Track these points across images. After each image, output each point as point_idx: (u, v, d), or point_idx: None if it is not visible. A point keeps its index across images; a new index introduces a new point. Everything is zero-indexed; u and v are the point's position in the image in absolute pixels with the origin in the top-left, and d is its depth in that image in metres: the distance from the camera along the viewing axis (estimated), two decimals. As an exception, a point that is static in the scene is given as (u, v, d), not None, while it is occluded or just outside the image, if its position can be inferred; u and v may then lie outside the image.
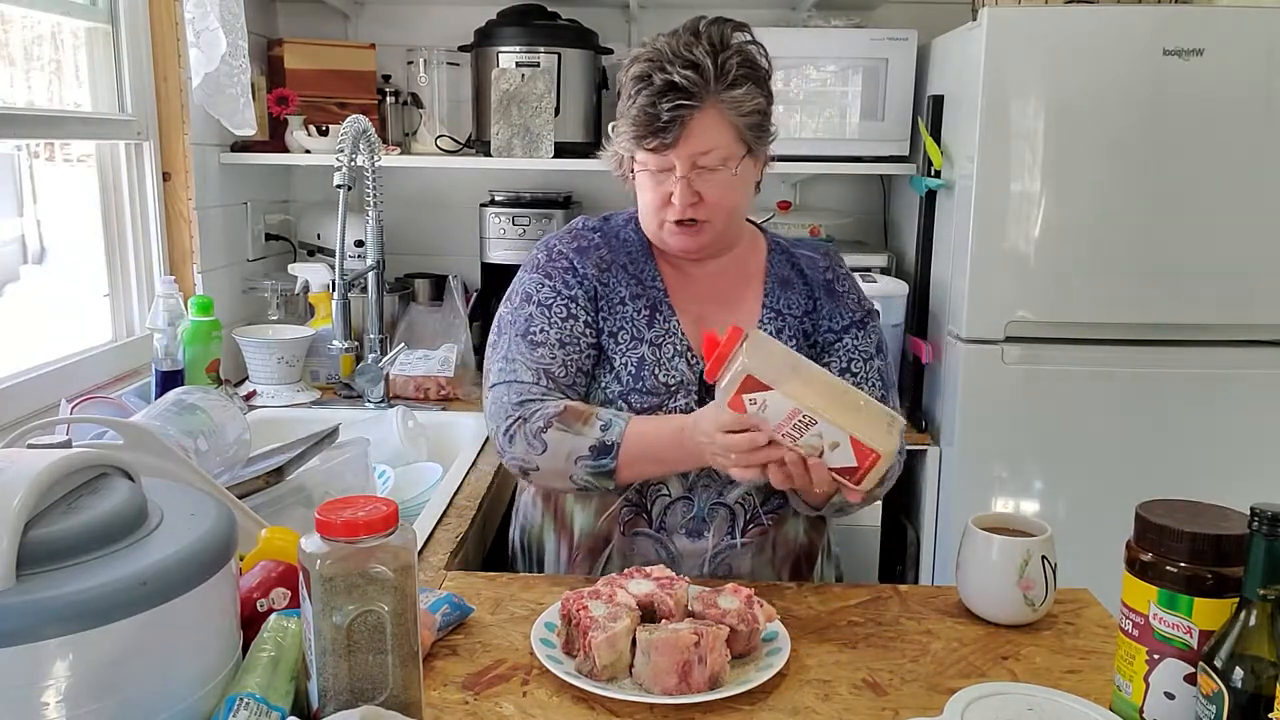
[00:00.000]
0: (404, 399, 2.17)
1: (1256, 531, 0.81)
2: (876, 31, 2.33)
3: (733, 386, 1.08)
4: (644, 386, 1.31)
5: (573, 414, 1.25)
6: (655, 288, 1.36)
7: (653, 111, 1.21)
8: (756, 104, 1.26)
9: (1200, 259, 2.03)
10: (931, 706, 0.98)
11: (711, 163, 1.24)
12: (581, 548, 1.37)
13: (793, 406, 1.07)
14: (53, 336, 1.93)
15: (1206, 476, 2.06)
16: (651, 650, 0.97)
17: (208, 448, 1.49)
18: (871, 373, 1.36)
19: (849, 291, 1.40)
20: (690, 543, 1.33)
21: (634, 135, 1.25)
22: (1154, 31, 1.94)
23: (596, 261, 1.35)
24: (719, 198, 1.26)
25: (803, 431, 1.07)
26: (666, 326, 1.34)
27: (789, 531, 1.37)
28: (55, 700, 0.73)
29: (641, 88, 1.23)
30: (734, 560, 1.34)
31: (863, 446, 1.07)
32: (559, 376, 1.30)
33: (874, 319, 1.41)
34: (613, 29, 2.58)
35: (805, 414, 1.07)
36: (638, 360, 1.32)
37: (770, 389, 1.07)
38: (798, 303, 1.38)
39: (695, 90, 1.21)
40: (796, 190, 2.70)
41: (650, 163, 1.26)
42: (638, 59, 1.25)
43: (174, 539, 0.82)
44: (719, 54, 1.23)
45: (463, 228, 2.70)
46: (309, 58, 2.44)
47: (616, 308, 1.34)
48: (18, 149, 2.27)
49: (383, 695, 0.85)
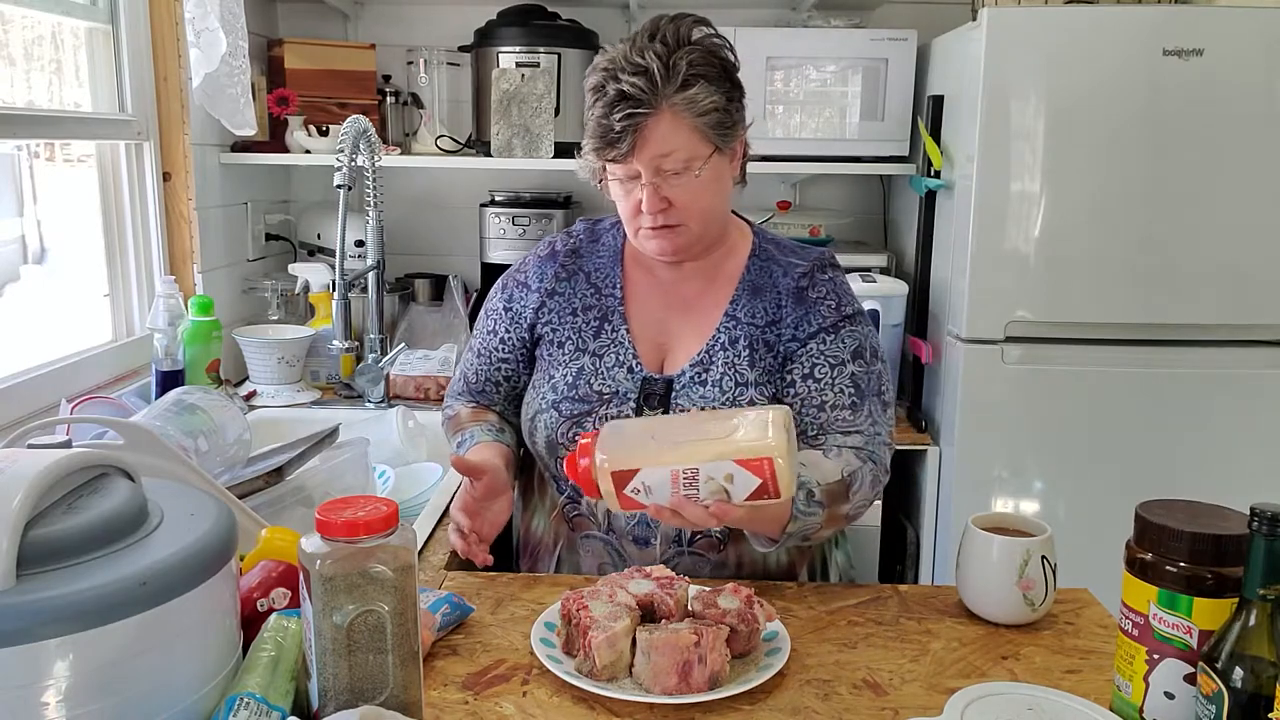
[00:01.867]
0: (404, 399, 2.17)
1: (1256, 531, 0.81)
2: (876, 32, 2.33)
3: (610, 492, 1.05)
4: (576, 394, 1.31)
5: (454, 423, 1.42)
6: (611, 296, 1.36)
7: (606, 123, 1.20)
8: (712, 101, 1.21)
9: (1200, 259, 2.03)
10: (931, 706, 0.98)
11: (674, 166, 1.22)
12: (538, 545, 1.39)
13: (669, 472, 1.03)
14: (53, 336, 1.93)
15: (1206, 476, 2.06)
16: (651, 650, 0.97)
17: (208, 448, 1.50)
18: (840, 378, 1.28)
19: (824, 297, 1.32)
20: (638, 549, 1.31)
21: (594, 148, 1.24)
22: (1154, 31, 1.94)
23: (557, 271, 1.38)
24: (688, 200, 1.24)
25: (695, 485, 1.03)
26: (614, 336, 1.33)
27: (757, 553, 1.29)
28: (55, 700, 0.73)
29: (596, 99, 1.22)
30: (691, 571, 1.29)
31: (750, 461, 1.02)
32: (472, 382, 1.45)
33: (852, 324, 1.31)
34: (613, 29, 2.58)
35: (683, 469, 1.03)
36: (577, 370, 1.33)
37: (638, 469, 1.04)
38: (763, 312, 1.32)
39: (644, 97, 1.18)
40: (796, 190, 2.70)
41: (617, 171, 1.25)
42: (595, 68, 1.24)
43: (174, 539, 0.82)
44: (671, 54, 1.20)
45: (463, 228, 2.70)
46: (309, 58, 2.44)
47: (567, 318, 1.36)
48: (18, 149, 2.27)
49: (383, 695, 0.85)
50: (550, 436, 1.32)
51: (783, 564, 1.34)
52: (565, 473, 1.12)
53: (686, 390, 1.30)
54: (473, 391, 1.45)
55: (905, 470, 2.31)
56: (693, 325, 1.34)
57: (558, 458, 1.31)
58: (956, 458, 2.12)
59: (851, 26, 2.40)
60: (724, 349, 1.31)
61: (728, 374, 1.30)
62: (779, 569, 1.34)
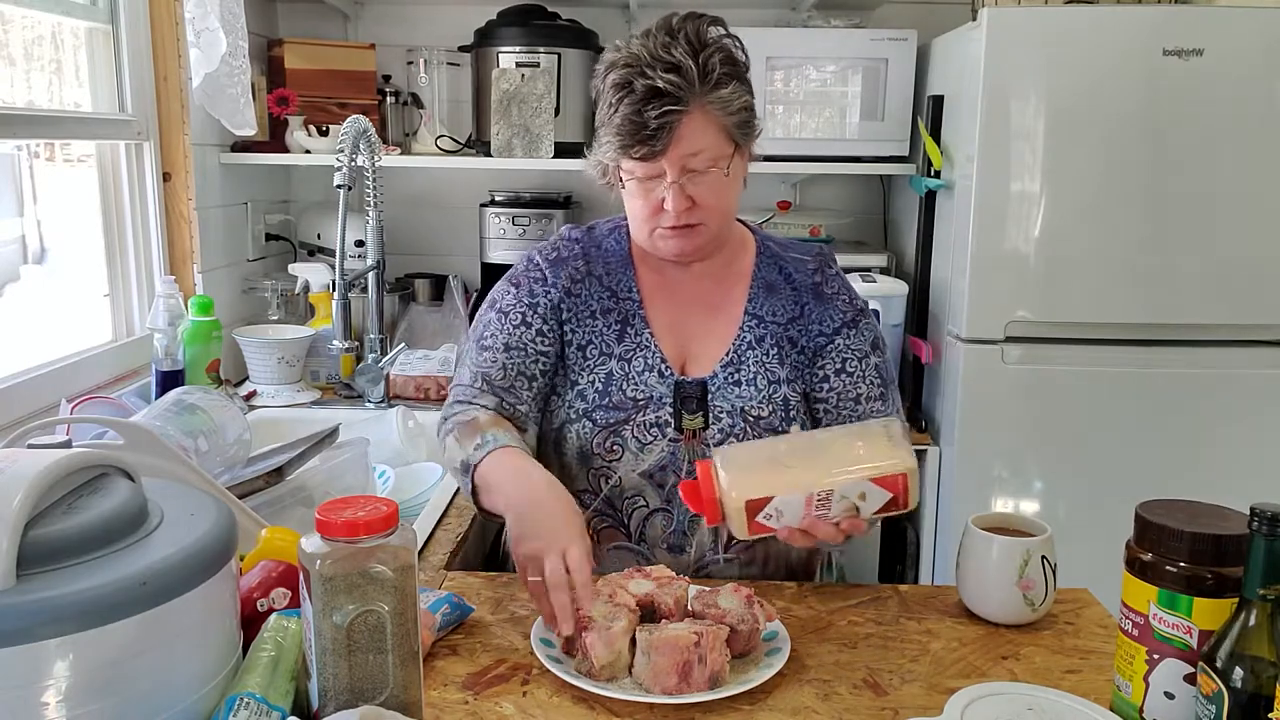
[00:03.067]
0: (404, 399, 2.17)
1: (1256, 531, 0.81)
2: (876, 31, 2.33)
3: (741, 520, 1.06)
4: (610, 402, 1.29)
5: (472, 427, 1.25)
6: (630, 299, 1.34)
7: (639, 120, 1.17)
8: (744, 101, 1.23)
9: (1200, 259, 2.03)
10: (931, 706, 0.98)
11: (701, 165, 1.21)
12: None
13: (803, 496, 1.05)
14: (53, 336, 1.93)
15: (1206, 476, 2.06)
16: (651, 650, 0.97)
17: (208, 448, 1.50)
18: (868, 370, 1.33)
19: (838, 293, 1.35)
20: (672, 557, 1.31)
21: (620, 145, 1.20)
22: (1154, 31, 1.94)
23: (570, 274, 1.35)
24: (713, 200, 1.24)
25: (828, 506, 1.06)
26: (638, 340, 1.32)
27: (783, 546, 1.31)
28: (55, 700, 0.73)
29: (623, 95, 1.18)
30: (718, 574, 1.31)
31: (885, 478, 1.05)
32: (495, 379, 1.31)
33: (866, 317, 1.36)
34: (613, 29, 2.58)
35: (818, 494, 1.05)
36: (605, 375, 1.31)
37: (771, 497, 1.05)
38: (783, 309, 1.34)
39: (680, 94, 1.17)
40: (796, 190, 2.70)
41: (638, 170, 1.22)
42: (614, 65, 1.20)
43: (174, 539, 0.82)
44: (699, 53, 1.19)
45: (463, 228, 2.70)
46: (309, 58, 2.44)
47: (586, 321, 1.33)
48: (18, 149, 2.27)
49: (383, 695, 0.85)
50: (584, 447, 1.30)
51: (802, 558, 1.37)
52: (684, 500, 1.11)
53: (723, 391, 1.30)
54: (496, 389, 1.31)
55: (905, 470, 2.30)
56: (713, 325, 1.34)
57: (591, 469, 1.30)
58: (956, 458, 2.12)
59: (851, 26, 2.40)
60: (751, 348, 1.32)
61: (760, 373, 1.31)
62: (799, 563, 1.37)
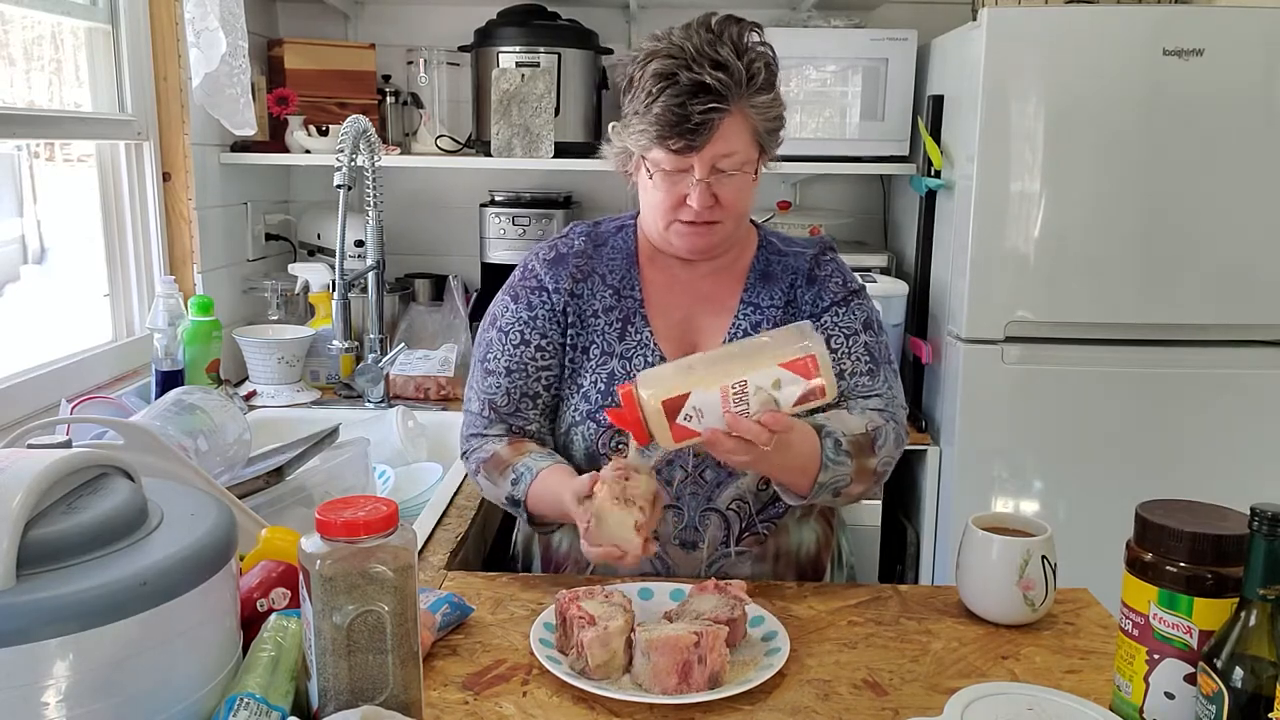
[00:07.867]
0: (404, 399, 2.17)
1: (1256, 531, 0.81)
2: (876, 31, 2.33)
3: (662, 424, 1.07)
4: (612, 402, 1.29)
5: (495, 463, 1.30)
6: (632, 298, 1.34)
7: (682, 112, 1.16)
8: (779, 110, 1.25)
9: (1200, 259, 2.03)
10: (931, 706, 0.98)
11: (731, 166, 1.22)
12: (563, 562, 1.36)
13: (717, 390, 1.06)
14: (53, 336, 1.93)
15: (1206, 476, 2.06)
16: (651, 650, 0.97)
17: (208, 448, 1.49)
18: (856, 348, 1.32)
19: (831, 275, 1.36)
20: (684, 553, 1.31)
21: (657, 135, 1.19)
22: (1154, 31, 1.94)
23: (572, 272, 1.35)
24: (734, 200, 1.25)
25: (745, 399, 1.07)
26: (639, 339, 1.33)
27: (793, 541, 1.35)
28: (55, 700, 0.73)
29: (665, 86, 1.17)
30: (731, 570, 1.32)
31: (794, 362, 1.07)
32: (501, 406, 1.34)
33: (859, 298, 1.36)
34: (613, 29, 2.58)
35: (732, 384, 1.06)
36: (607, 375, 1.32)
37: (688, 394, 1.06)
38: (779, 294, 1.35)
39: (726, 92, 1.17)
40: (796, 190, 2.70)
41: (666, 163, 1.22)
42: (655, 55, 1.20)
43: (174, 539, 0.82)
44: (743, 55, 1.20)
45: (463, 228, 2.70)
46: (309, 58, 2.44)
47: (589, 320, 1.34)
48: (18, 149, 2.27)
49: (383, 695, 0.85)
50: (590, 448, 1.31)
51: (810, 553, 1.37)
52: (611, 421, 1.13)
53: None
54: (503, 416, 1.34)
55: (905, 470, 2.31)
56: (712, 318, 1.35)
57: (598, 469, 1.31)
58: (956, 458, 2.12)
59: (851, 26, 2.40)
60: (745, 334, 1.33)
61: None
62: (808, 559, 1.37)
